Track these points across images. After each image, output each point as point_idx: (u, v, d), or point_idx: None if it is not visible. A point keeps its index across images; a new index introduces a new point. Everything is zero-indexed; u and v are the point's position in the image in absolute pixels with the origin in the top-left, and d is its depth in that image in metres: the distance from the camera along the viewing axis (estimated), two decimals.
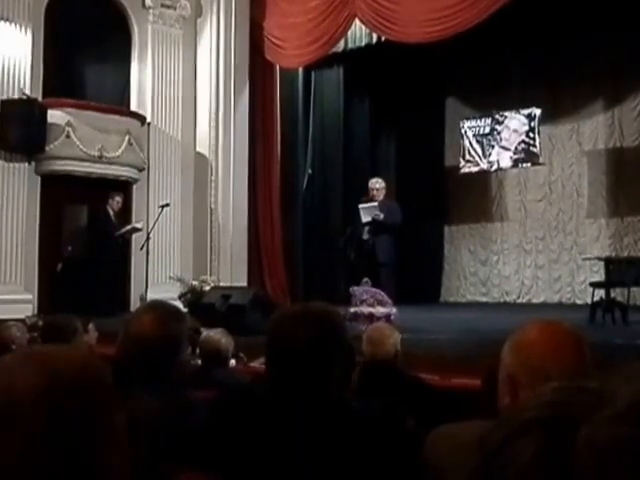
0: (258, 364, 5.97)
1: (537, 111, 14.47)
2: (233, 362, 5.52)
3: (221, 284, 11.85)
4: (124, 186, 12.33)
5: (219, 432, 2.13)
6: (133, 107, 12.68)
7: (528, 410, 1.10)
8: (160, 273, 12.24)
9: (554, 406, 1.08)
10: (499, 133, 15.01)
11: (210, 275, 12.40)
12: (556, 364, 1.75)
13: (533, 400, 1.13)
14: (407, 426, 2.24)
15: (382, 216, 10.03)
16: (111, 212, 11.65)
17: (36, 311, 10.93)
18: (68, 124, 11.51)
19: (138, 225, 11.76)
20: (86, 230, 12.04)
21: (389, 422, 2.08)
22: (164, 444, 2.13)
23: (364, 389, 3.69)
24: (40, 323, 6.73)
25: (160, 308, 2.48)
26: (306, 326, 2.06)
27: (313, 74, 14.68)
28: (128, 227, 11.72)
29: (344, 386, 2.11)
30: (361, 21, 12.14)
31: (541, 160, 14.58)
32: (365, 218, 10.14)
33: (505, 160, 14.95)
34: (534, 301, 14.75)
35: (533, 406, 1.10)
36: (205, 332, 5.17)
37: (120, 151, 11.92)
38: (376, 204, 10.14)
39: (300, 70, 14.19)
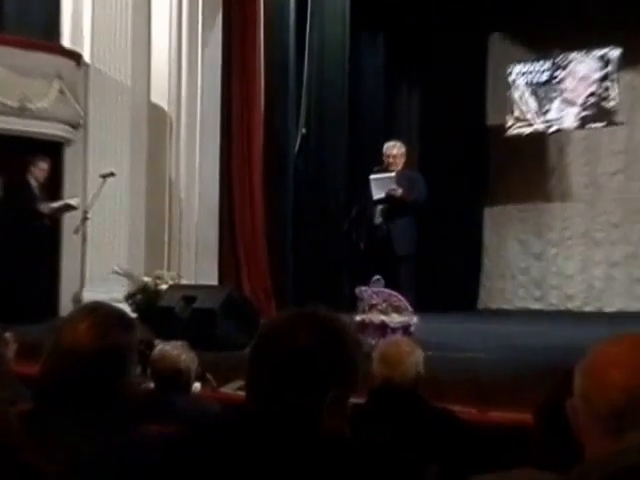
0: (231, 389, 6.01)
1: (615, 52, 14.43)
2: (197, 386, 5.55)
3: (183, 282, 11.87)
4: (53, 148, 12.31)
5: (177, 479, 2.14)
6: (65, 43, 12.64)
7: (622, 455, 1.08)
8: (101, 266, 12.23)
9: None
10: (561, 82, 15.00)
11: (168, 270, 12.41)
12: None
13: (628, 443, 1.11)
14: (428, 475, 2.25)
15: (400, 191, 9.99)
16: (34, 183, 11.62)
17: None
18: None
19: (72, 202, 11.74)
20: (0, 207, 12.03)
21: (403, 471, 2.08)
22: None
23: (373, 423, 3.70)
24: None
25: (100, 313, 2.49)
26: (304, 333, 2.07)
27: None
28: (58, 203, 11.71)
29: (341, 418, 2.11)
30: None
31: (619, 119, 14.56)
32: (377, 194, 10.08)
33: (569, 118, 14.96)
34: (606, 309, 14.73)
35: (628, 450, 1.09)
36: (160, 345, 5.18)
37: (48, 101, 11.90)
38: (393, 175, 10.10)
39: None
